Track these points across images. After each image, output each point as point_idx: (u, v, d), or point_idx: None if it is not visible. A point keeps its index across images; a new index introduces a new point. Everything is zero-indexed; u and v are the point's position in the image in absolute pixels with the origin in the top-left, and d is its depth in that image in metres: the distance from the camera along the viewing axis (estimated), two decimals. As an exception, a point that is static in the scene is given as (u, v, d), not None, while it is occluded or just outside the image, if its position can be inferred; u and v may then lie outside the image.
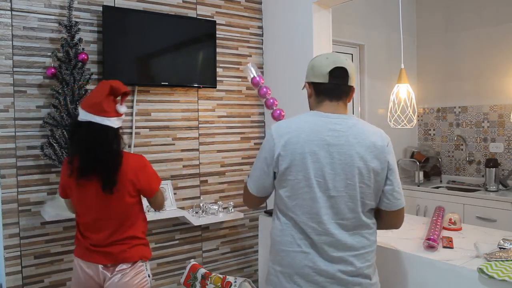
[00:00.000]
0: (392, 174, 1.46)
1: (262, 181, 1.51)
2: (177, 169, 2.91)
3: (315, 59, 1.54)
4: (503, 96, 3.67)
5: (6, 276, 2.28)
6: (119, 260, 1.80)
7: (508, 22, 3.60)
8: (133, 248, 1.83)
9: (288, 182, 1.42)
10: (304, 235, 1.42)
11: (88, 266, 1.81)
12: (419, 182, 3.88)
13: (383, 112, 3.92)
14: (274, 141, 1.44)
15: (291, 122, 1.47)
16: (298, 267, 1.41)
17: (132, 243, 1.83)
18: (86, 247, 1.82)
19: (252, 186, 1.55)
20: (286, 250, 1.44)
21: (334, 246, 1.40)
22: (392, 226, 1.60)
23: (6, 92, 2.30)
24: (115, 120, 1.78)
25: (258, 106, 3.28)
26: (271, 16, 3.20)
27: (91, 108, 1.74)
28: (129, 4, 2.67)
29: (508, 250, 1.72)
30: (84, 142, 1.74)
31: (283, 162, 1.41)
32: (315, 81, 1.49)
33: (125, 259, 1.81)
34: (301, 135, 1.41)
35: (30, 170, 2.37)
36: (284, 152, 1.41)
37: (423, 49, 4.27)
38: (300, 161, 1.39)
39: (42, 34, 2.40)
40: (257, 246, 3.28)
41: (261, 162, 1.50)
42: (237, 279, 2.35)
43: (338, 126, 1.43)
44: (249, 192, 1.57)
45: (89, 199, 1.78)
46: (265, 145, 1.49)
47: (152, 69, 2.74)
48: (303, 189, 1.39)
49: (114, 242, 1.80)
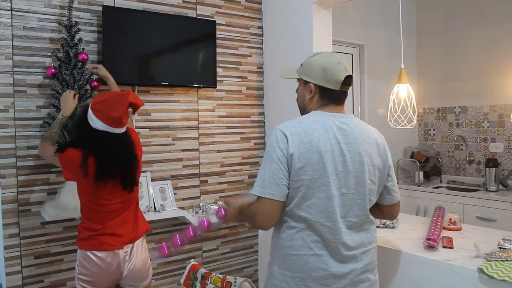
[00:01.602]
0: (391, 170, 1.55)
1: (282, 181, 1.37)
2: (177, 169, 2.91)
3: (323, 60, 1.47)
4: (503, 96, 3.67)
5: (6, 276, 2.28)
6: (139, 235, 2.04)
7: (508, 22, 3.60)
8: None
9: (303, 181, 1.37)
10: (317, 236, 1.40)
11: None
12: (419, 182, 3.88)
13: (383, 112, 3.92)
14: (287, 140, 1.38)
15: (300, 122, 1.43)
16: (311, 270, 1.39)
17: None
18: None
19: (274, 192, 1.37)
20: (297, 254, 1.41)
21: (347, 244, 1.42)
22: (392, 217, 1.69)
23: (6, 92, 2.30)
24: (122, 129, 1.90)
25: (258, 106, 3.28)
26: (271, 16, 3.20)
27: (111, 122, 1.81)
28: (129, 4, 2.67)
29: (508, 250, 1.72)
30: (107, 152, 1.85)
31: (298, 161, 1.36)
32: (325, 85, 1.47)
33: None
34: (315, 134, 1.39)
35: (30, 170, 2.37)
36: (298, 151, 1.36)
37: (423, 49, 4.27)
38: (317, 159, 1.37)
39: (42, 34, 2.39)
40: (257, 246, 3.28)
41: (275, 162, 1.38)
42: (237, 279, 2.35)
43: (346, 125, 1.45)
44: (270, 201, 1.37)
45: (108, 192, 1.90)
46: (276, 145, 1.39)
47: (152, 69, 2.74)
48: (320, 188, 1.38)
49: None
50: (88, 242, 1.91)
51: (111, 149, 1.85)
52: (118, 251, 1.92)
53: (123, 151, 1.90)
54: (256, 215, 1.40)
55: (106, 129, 1.82)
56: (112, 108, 1.79)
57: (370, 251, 1.49)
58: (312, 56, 1.52)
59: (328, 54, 1.52)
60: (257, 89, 3.27)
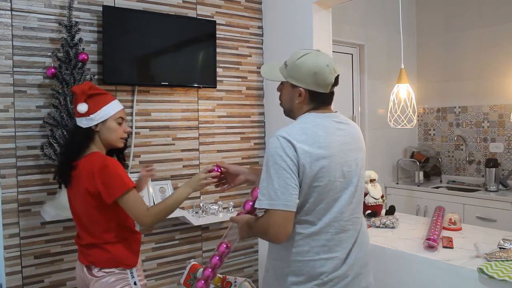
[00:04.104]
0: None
1: (294, 191, 1.31)
2: (177, 169, 2.90)
3: (312, 63, 1.41)
4: (503, 96, 3.67)
5: (6, 276, 2.28)
6: (97, 264, 1.73)
7: (508, 22, 3.60)
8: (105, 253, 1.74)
9: (315, 188, 1.34)
10: (324, 240, 1.39)
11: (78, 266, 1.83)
12: (419, 182, 3.88)
13: (383, 112, 3.92)
14: (295, 147, 1.32)
15: (302, 128, 1.38)
16: (317, 274, 1.38)
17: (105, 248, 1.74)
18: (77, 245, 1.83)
19: (288, 203, 1.30)
20: (304, 260, 1.39)
21: (354, 242, 1.43)
22: None
23: (6, 92, 2.30)
24: (84, 120, 1.75)
25: (258, 106, 3.28)
26: (271, 16, 3.20)
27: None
28: (129, 4, 2.67)
29: (508, 250, 1.72)
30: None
31: (310, 169, 1.32)
32: (316, 90, 1.43)
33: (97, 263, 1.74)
34: (321, 140, 1.36)
35: (30, 170, 2.37)
36: (310, 159, 1.32)
37: (423, 49, 4.27)
38: (327, 165, 1.35)
39: (42, 34, 2.39)
40: (257, 246, 3.27)
41: (285, 171, 1.31)
42: (237, 279, 2.35)
43: (342, 124, 1.46)
44: (283, 213, 1.30)
45: (68, 193, 1.82)
46: (283, 153, 1.32)
47: (152, 69, 2.74)
48: (329, 192, 1.37)
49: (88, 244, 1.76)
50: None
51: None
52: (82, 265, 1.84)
53: (68, 140, 1.83)
54: (269, 229, 1.33)
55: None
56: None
57: (367, 245, 1.53)
58: (299, 58, 1.43)
59: (316, 56, 1.43)
60: (257, 89, 3.27)
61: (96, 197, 1.68)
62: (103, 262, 1.72)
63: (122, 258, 1.74)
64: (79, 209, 1.76)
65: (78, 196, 1.74)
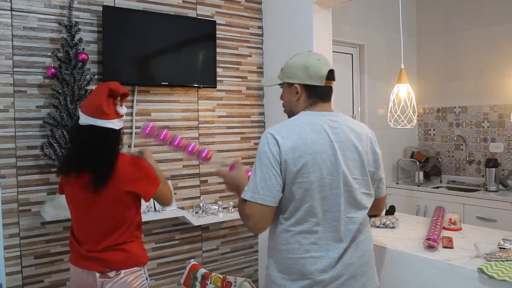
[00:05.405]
0: (381, 164, 1.56)
1: (275, 186, 1.36)
2: (177, 169, 2.91)
3: (303, 59, 1.49)
4: (503, 96, 3.67)
5: (6, 276, 2.28)
6: (115, 267, 1.74)
7: (508, 22, 3.60)
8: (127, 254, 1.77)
9: (300, 184, 1.36)
10: (314, 238, 1.39)
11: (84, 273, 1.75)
12: (419, 182, 3.88)
13: (383, 112, 3.92)
14: (279, 144, 1.36)
15: (291, 125, 1.42)
16: (308, 273, 1.38)
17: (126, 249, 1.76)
18: (80, 253, 1.76)
19: (266, 198, 1.35)
20: (294, 258, 1.40)
21: (350, 242, 1.43)
22: (379, 211, 1.71)
23: (6, 92, 2.30)
24: (117, 122, 1.75)
25: (258, 106, 3.28)
26: (271, 16, 3.20)
27: (92, 112, 1.70)
28: (129, 4, 2.67)
29: (508, 250, 1.72)
30: (87, 144, 1.71)
31: (293, 165, 1.35)
32: (310, 83, 1.47)
33: (120, 266, 1.75)
34: (308, 136, 1.38)
35: (30, 170, 2.37)
36: (293, 155, 1.35)
37: (423, 49, 4.27)
38: (311, 162, 1.36)
39: (42, 34, 2.40)
40: (257, 246, 3.28)
41: (267, 167, 1.36)
42: (237, 279, 2.35)
43: (336, 123, 1.45)
44: (261, 206, 1.36)
45: (77, 197, 1.74)
46: (267, 149, 1.37)
47: (152, 69, 2.74)
48: (316, 190, 1.37)
49: (107, 248, 1.73)
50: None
51: (92, 140, 1.70)
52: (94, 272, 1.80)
53: (104, 143, 1.71)
54: (249, 219, 1.39)
55: (90, 121, 1.70)
56: (93, 97, 1.74)
57: (366, 243, 1.52)
58: (291, 59, 1.52)
59: (307, 53, 1.52)
60: (257, 89, 3.27)
61: (133, 197, 1.74)
62: (122, 263, 1.74)
63: (138, 256, 1.79)
64: (104, 213, 1.71)
65: (106, 199, 1.70)
